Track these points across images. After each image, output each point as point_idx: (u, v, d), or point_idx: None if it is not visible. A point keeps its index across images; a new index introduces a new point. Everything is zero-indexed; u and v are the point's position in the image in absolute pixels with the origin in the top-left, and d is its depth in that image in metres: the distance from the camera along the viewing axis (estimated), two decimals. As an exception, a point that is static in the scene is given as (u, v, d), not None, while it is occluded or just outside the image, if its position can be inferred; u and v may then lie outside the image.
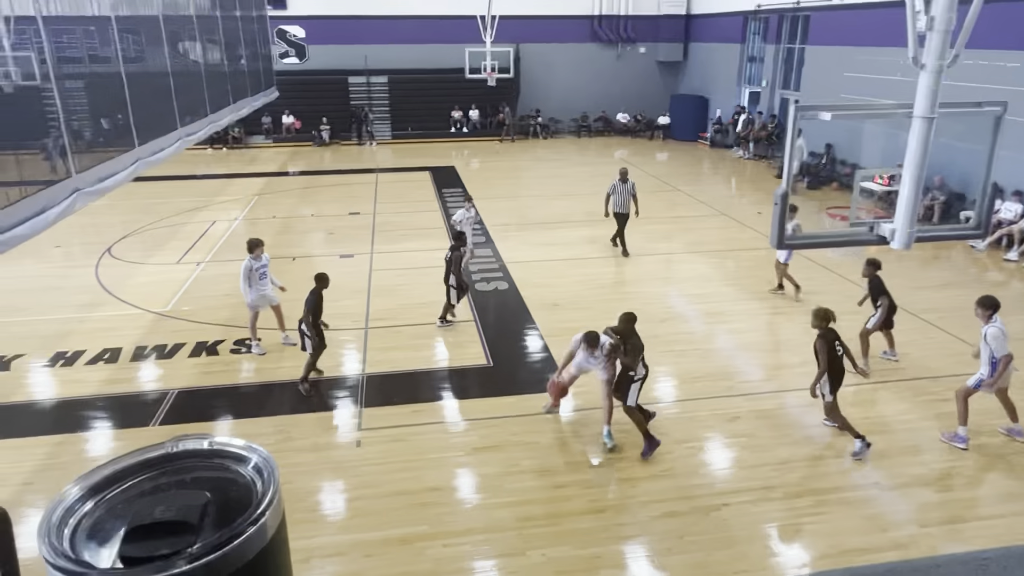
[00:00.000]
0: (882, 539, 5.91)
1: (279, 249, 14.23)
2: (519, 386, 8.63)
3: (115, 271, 12.97)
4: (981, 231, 5.62)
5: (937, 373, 8.68)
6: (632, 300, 11.32)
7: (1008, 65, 13.92)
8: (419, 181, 20.88)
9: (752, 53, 25.29)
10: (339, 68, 27.35)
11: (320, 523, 6.19)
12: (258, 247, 9.24)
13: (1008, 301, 11.14)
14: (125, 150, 8.91)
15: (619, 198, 13.15)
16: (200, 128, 12.90)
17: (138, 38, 10.24)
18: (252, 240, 9.32)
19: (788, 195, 5.10)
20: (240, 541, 2.27)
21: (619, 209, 13.23)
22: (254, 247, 9.22)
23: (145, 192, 19.11)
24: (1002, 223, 13.54)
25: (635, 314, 7.14)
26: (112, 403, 8.31)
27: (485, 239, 14.74)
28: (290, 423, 7.79)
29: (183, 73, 12.32)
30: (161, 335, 10.07)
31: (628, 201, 13.15)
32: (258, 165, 23.79)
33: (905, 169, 5.16)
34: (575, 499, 6.46)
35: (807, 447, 7.24)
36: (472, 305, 11.12)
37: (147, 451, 2.64)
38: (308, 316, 8.20)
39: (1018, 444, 7.22)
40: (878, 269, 8.71)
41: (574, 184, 20.22)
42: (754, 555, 5.76)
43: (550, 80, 28.78)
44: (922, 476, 6.74)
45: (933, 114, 4.97)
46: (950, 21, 4.72)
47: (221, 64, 15.81)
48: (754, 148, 23.58)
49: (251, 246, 9.23)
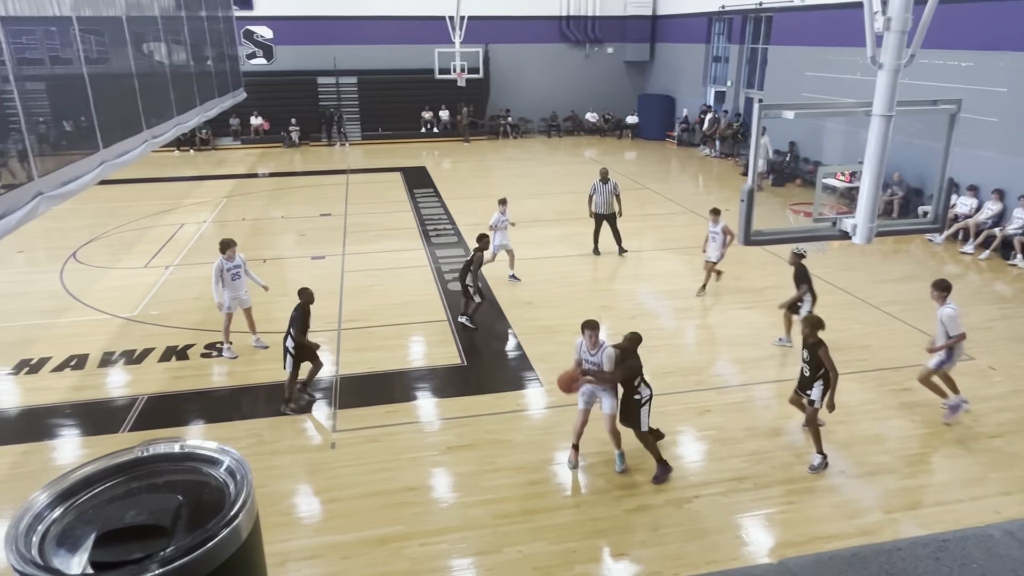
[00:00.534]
0: (849, 526, 6.07)
1: (250, 252, 14.06)
2: (494, 385, 8.67)
3: (81, 276, 12.72)
4: (938, 225, 5.82)
5: (899, 364, 8.92)
6: (604, 297, 11.45)
7: (962, 64, 14.33)
8: (390, 182, 20.80)
9: (717, 53, 25.65)
10: (308, 69, 27.12)
11: (296, 526, 6.16)
12: (230, 247, 9.09)
13: (965, 292, 11.51)
14: (89, 153, 8.74)
15: (600, 198, 13.09)
16: (166, 130, 12.71)
17: (101, 39, 10.06)
18: (224, 240, 9.17)
19: (754, 192, 5.22)
20: (214, 543, 2.26)
21: (600, 210, 13.17)
22: (226, 247, 9.07)
23: (111, 195, 18.76)
24: (958, 217, 13.94)
25: (641, 336, 6.88)
26: (80, 410, 8.16)
27: (457, 239, 14.75)
28: (264, 427, 7.73)
29: (148, 74, 12.13)
30: (129, 340, 9.90)
31: (611, 201, 13.08)
32: (227, 167, 23.49)
33: (865, 166, 5.31)
34: (550, 495, 6.52)
35: (775, 439, 7.39)
36: (445, 304, 11.13)
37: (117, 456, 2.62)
38: (291, 332, 7.77)
39: (977, 430, 7.45)
40: (802, 258, 8.97)
41: (545, 183, 20.32)
42: (726, 545, 5.87)
43: (519, 80, 28.87)
44: (886, 464, 6.93)
45: (891, 112, 5.13)
46: (906, 22, 4.87)
47: (187, 65, 15.58)
48: (720, 146, 23.92)
49: (223, 246, 9.09)
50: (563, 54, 29.15)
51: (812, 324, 6.82)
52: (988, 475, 6.73)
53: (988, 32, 13.77)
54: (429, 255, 13.70)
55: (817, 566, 1.87)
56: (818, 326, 6.78)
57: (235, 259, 9.15)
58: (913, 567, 1.84)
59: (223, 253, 9.07)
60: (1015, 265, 12.59)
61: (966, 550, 1.89)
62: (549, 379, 8.68)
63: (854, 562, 1.87)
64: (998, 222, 13.40)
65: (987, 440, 7.28)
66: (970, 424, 7.59)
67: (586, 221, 13.64)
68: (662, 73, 29.04)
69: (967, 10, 14.07)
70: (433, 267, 12.97)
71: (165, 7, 13.94)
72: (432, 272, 12.70)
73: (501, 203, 12.13)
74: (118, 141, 9.78)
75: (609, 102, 29.62)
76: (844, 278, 11.94)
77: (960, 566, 1.83)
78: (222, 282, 9.09)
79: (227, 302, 9.19)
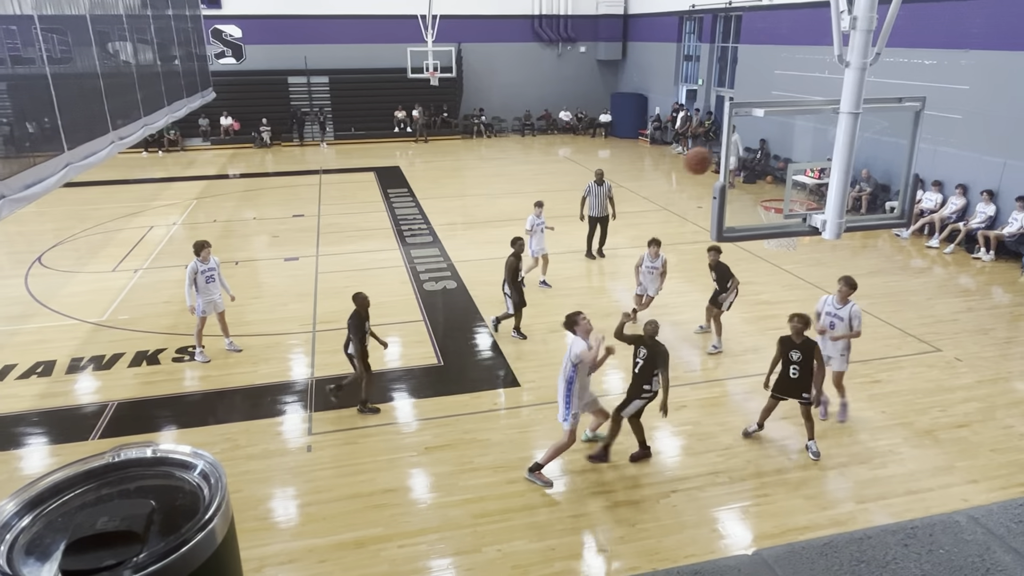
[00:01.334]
0: (822, 517, 6.17)
1: (222, 254, 13.85)
2: (470, 384, 8.66)
3: (47, 281, 12.44)
4: (905, 220, 5.92)
5: (868, 356, 9.09)
6: (579, 295, 11.49)
7: (926, 63, 14.64)
8: (364, 182, 20.66)
9: (688, 52, 25.89)
10: (278, 68, 26.83)
11: (272, 530, 6.10)
12: (204, 249, 8.93)
13: (931, 285, 11.78)
14: (53, 155, 8.54)
15: (594, 200, 12.71)
16: (133, 131, 12.47)
17: (64, 38, 9.84)
18: (198, 242, 9.01)
19: (726, 189, 5.28)
20: (188, 548, 2.23)
21: (594, 212, 12.79)
22: (200, 249, 8.91)
23: (77, 198, 18.38)
24: (924, 212, 14.24)
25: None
26: (48, 418, 7.99)
27: (432, 239, 14.71)
28: (238, 431, 7.63)
29: (114, 74, 11.89)
30: (98, 346, 9.71)
31: (605, 204, 12.77)
32: (196, 168, 23.14)
33: (834, 163, 5.39)
34: (528, 494, 6.53)
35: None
36: (421, 305, 11.09)
37: (87, 462, 2.56)
38: (352, 340, 7.73)
39: (944, 420, 7.62)
40: (720, 254, 9.08)
41: (519, 182, 20.35)
42: (703, 539, 5.93)
43: (493, 80, 28.86)
44: (858, 455, 7.06)
45: (858, 110, 5.21)
46: (871, 21, 4.96)
47: (154, 65, 15.31)
48: (692, 144, 24.13)
49: (197, 248, 8.93)
50: (536, 53, 29.20)
51: (806, 322, 6.78)
52: (955, 464, 6.89)
53: (950, 31, 14.08)
54: (404, 255, 13.63)
55: (791, 556, 1.91)
56: (809, 325, 6.85)
57: (209, 261, 8.99)
58: (883, 554, 1.88)
59: (197, 255, 8.91)
60: (979, 259, 12.90)
61: (934, 536, 1.94)
62: (526, 378, 8.70)
63: (826, 551, 1.91)
64: (962, 216, 13.71)
65: (954, 430, 7.46)
66: (937, 415, 7.76)
67: (561, 220, 13.66)
68: (634, 72, 29.24)
69: (930, 9, 14.38)
70: (408, 267, 12.92)
71: (130, 5, 13.69)
72: (407, 272, 12.64)
73: (537, 205, 11.61)
74: (83, 142, 9.57)
75: (582, 101, 29.74)
76: (814, 273, 12.14)
77: (928, 552, 1.88)
78: (195, 286, 8.93)
79: (200, 306, 9.02)
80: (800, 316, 6.81)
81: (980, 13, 13.47)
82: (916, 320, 10.23)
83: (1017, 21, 12.75)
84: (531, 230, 11.29)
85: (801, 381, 6.84)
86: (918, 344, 9.48)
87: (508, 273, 9.48)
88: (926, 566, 1.83)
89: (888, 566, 1.83)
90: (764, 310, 10.71)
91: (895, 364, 8.93)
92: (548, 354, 9.32)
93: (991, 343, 9.49)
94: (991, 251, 12.80)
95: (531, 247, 11.27)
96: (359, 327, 7.71)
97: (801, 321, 6.76)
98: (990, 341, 9.55)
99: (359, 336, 7.70)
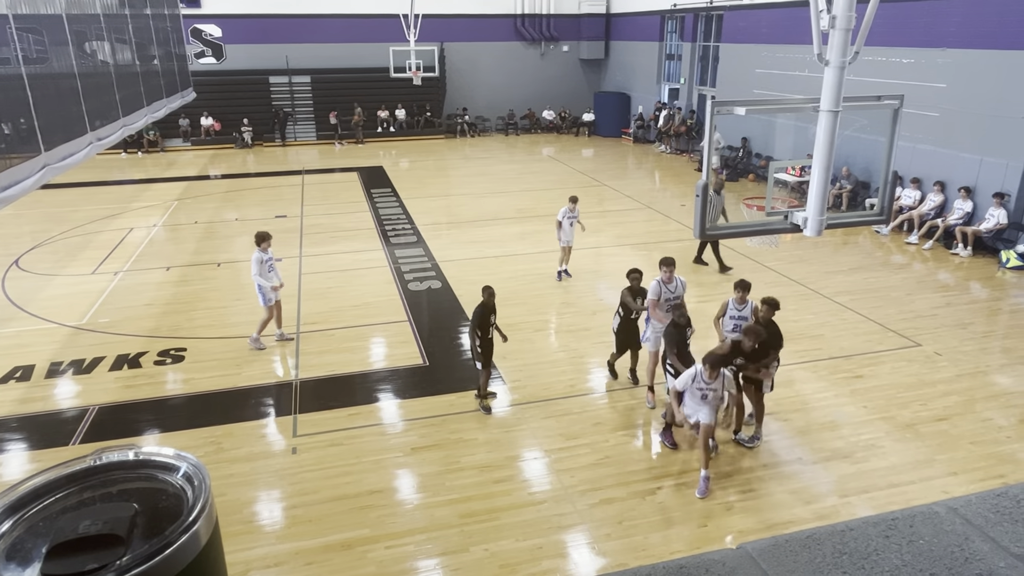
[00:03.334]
0: (806, 511, 6.24)
1: (204, 255, 13.79)
2: (456, 384, 8.64)
3: (24, 284, 12.26)
4: (884, 217, 6.00)
5: (850, 352, 9.20)
6: (565, 293, 11.52)
7: (903, 61, 14.83)
8: (347, 182, 20.57)
9: (670, 51, 26.02)
10: (260, 68, 26.62)
11: (258, 534, 6.06)
12: (266, 240, 9.23)
13: (911, 281, 11.93)
14: (30, 156, 8.41)
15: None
16: (112, 132, 12.31)
17: (40, 38, 9.70)
18: (260, 233, 9.27)
19: (708, 187, 5.32)
20: (172, 550, 2.22)
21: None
22: (262, 240, 9.19)
23: (55, 200, 18.14)
24: (903, 209, 14.43)
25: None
26: (27, 423, 7.87)
27: (416, 239, 14.67)
28: (222, 434, 7.57)
29: (91, 74, 11.73)
30: (78, 349, 9.59)
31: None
32: (176, 169, 22.90)
33: (814, 160, 5.45)
34: (515, 492, 6.54)
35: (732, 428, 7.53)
36: (405, 305, 11.06)
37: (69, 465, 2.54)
38: (476, 331, 7.71)
39: (924, 414, 7.73)
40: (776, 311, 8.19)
41: (503, 182, 20.35)
42: (688, 535, 5.97)
43: (476, 79, 28.84)
44: (840, 449, 7.14)
45: (838, 108, 5.27)
46: (850, 20, 5.02)
47: (132, 65, 15.12)
48: (675, 143, 24.29)
49: (259, 239, 9.20)
50: (519, 52, 29.21)
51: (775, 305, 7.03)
52: (936, 457, 6.99)
53: (928, 30, 14.27)
54: (388, 255, 13.59)
55: (774, 549, 1.93)
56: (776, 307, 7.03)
57: (268, 252, 9.27)
58: (865, 545, 1.91)
59: (259, 245, 9.16)
60: (957, 254, 13.09)
61: (914, 527, 1.97)
62: (511, 376, 8.71)
63: (809, 544, 1.93)
64: (940, 213, 13.90)
65: (935, 423, 7.56)
66: (918, 409, 7.86)
67: (546, 218, 13.68)
68: (617, 71, 29.34)
69: (908, 9, 14.57)
70: (392, 267, 12.87)
71: (107, 5, 13.51)
72: (392, 273, 12.60)
73: (572, 200, 11.94)
74: (61, 143, 9.43)
75: (565, 100, 29.81)
76: (797, 270, 12.26)
77: (908, 543, 1.90)
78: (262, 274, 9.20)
79: (268, 295, 9.28)
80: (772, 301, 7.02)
81: (956, 12, 13.66)
82: (896, 315, 10.36)
83: (992, 20, 12.95)
84: (562, 221, 11.74)
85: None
86: (899, 339, 9.61)
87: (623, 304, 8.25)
88: (907, 556, 1.85)
89: (870, 557, 1.86)
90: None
91: (876, 359, 9.04)
92: (534, 353, 9.34)
93: (969, 337, 9.64)
94: (969, 247, 13.00)
95: (561, 238, 11.82)
96: (484, 320, 7.74)
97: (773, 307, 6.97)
98: (969, 335, 9.70)
99: (484, 329, 7.76)
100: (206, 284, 12.12)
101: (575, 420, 7.71)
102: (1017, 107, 12.57)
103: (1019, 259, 12.28)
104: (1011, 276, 12.07)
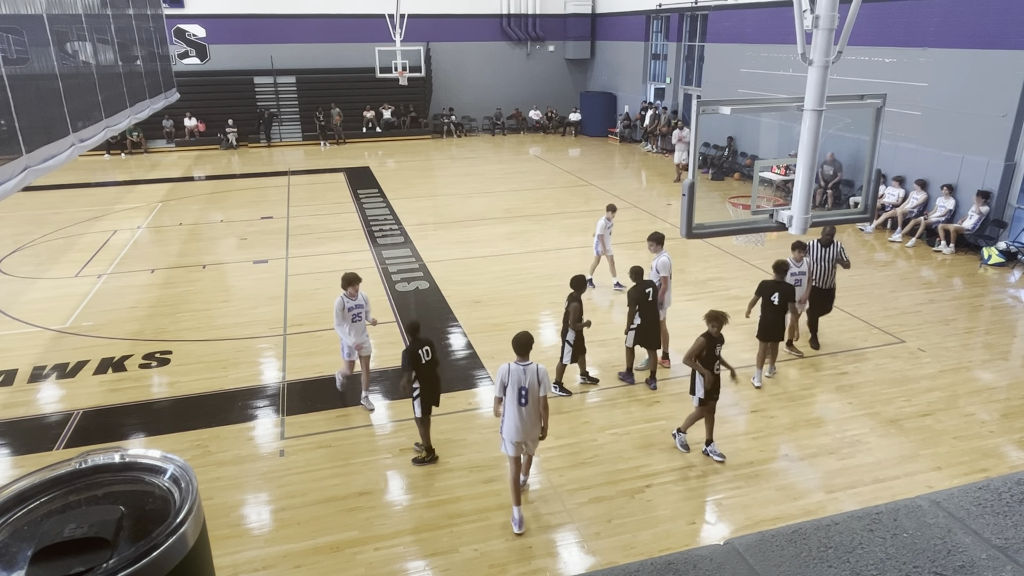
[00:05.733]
0: (793, 507, 6.29)
1: (188, 257, 13.68)
2: (445, 384, 8.56)
3: (6, 287, 12.12)
4: (868, 215, 6.06)
5: (836, 349, 9.28)
6: (552, 293, 11.52)
7: (886, 60, 14.97)
8: (333, 183, 20.48)
9: (656, 51, 26.13)
10: (244, 68, 26.46)
11: (246, 537, 6.02)
12: (353, 284, 7.70)
13: (895, 278, 12.05)
14: (11, 158, 8.31)
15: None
16: (95, 133, 12.19)
17: (20, 38, 9.59)
18: (348, 275, 7.73)
19: (695, 186, 5.35)
20: (158, 553, 2.19)
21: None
22: (349, 283, 7.68)
23: (36, 202, 17.94)
24: (886, 207, 14.57)
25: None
26: (9, 428, 7.78)
27: (404, 239, 14.64)
28: (208, 436, 7.52)
29: (73, 75, 11.61)
30: (62, 353, 9.49)
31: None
32: (160, 170, 22.72)
33: (799, 159, 5.50)
34: (504, 493, 6.53)
35: (722, 426, 7.57)
36: (393, 305, 11.03)
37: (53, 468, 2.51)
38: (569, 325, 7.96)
39: (909, 409, 7.81)
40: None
41: (490, 182, 20.35)
42: (677, 532, 6.00)
43: (462, 79, 28.82)
44: (826, 445, 7.20)
45: (822, 107, 5.32)
46: (833, 20, 5.07)
47: (115, 65, 14.98)
48: (661, 142, 24.38)
49: (346, 282, 7.69)
50: (505, 52, 29.23)
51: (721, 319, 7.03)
52: (920, 452, 7.07)
53: (909, 29, 14.42)
54: (375, 256, 13.55)
55: (761, 544, 1.94)
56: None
57: (357, 297, 7.79)
58: (849, 539, 1.93)
59: (344, 289, 7.70)
60: (939, 251, 13.24)
61: (898, 521, 1.99)
62: (500, 376, 8.69)
63: (795, 538, 1.95)
64: (923, 211, 14.06)
65: (918, 419, 7.65)
66: (902, 404, 7.95)
67: (533, 218, 13.69)
68: (603, 71, 29.43)
69: (890, 8, 14.72)
70: (380, 268, 12.84)
71: (89, 5, 13.37)
72: (379, 274, 12.57)
73: (609, 209, 11.61)
74: (43, 145, 9.33)
75: (552, 100, 29.86)
76: (782, 268, 12.33)
77: (892, 536, 1.93)
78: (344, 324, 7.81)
79: (347, 347, 7.91)
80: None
81: (937, 12, 13.81)
82: (880, 312, 10.47)
83: (972, 20, 13.11)
84: (603, 235, 11.37)
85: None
86: (883, 336, 9.70)
87: (573, 318, 8.12)
88: (891, 549, 1.88)
89: (855, 551, 1.88)
90: (734, 305, 10.82)
91: (861, 356, 9.13)
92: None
93: (952, 333, 9.75)
94: (951, 244, 13.15)
95: (596, 248, 11.50)
96: (579, 310, 7.93)
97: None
98: (951, 331, 9.81)
99: (579, 320, 7.92)
100: (191, 286, 12.03)
101: (563, 419, 7.73)
102: (997, 106, 12.73)
103: (1000, 256, 12.44)
104: (993, 273, 12.22)
